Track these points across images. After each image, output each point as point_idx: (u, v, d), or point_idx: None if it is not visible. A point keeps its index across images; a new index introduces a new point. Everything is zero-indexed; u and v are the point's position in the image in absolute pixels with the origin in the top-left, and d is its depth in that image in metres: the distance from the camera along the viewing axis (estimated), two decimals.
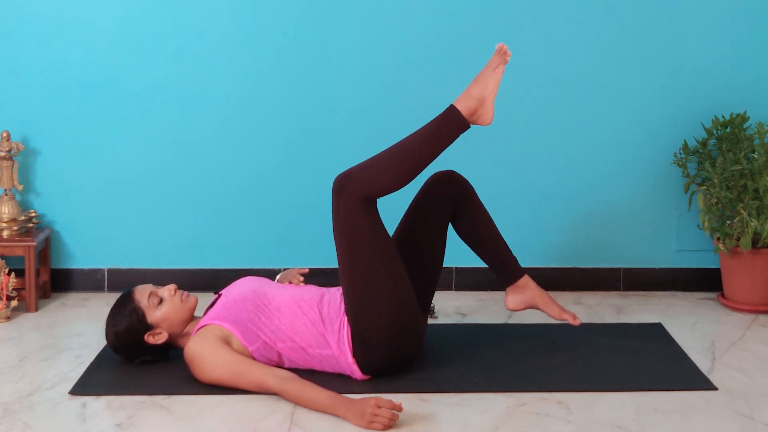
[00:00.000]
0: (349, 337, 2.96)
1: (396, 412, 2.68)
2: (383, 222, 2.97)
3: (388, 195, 2.98)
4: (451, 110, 2.99)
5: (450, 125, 2.98)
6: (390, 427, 2.66)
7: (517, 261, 3.26)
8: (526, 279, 3.25)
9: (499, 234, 3.24)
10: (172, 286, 3.09)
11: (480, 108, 3.00)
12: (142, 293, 3.06)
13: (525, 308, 3.26)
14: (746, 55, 3.95)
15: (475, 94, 2.99)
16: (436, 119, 3.00)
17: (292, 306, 3.02)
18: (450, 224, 3.22)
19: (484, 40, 3.90)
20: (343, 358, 2.97)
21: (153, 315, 3.03)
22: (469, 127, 3.00)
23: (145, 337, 3.04)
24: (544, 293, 3.26)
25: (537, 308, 3.25)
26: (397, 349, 2.99)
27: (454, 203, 3.19)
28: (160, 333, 3.05)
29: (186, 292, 3.11)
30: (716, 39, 3.94)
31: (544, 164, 3.98)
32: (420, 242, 3.14)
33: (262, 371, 2.85)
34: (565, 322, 3.26)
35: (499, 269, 3.25)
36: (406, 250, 3.09)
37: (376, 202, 2.95)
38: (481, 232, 3.22)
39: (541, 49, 3.92)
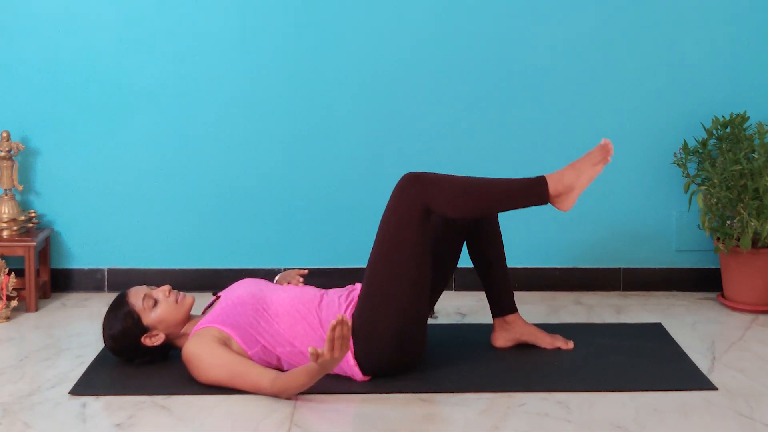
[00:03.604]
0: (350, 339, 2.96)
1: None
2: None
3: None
4: (540, 182, 2.99)
5: (531, 195, 2.99)
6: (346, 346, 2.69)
7: (513, 297, 3.28)
8: (515, 316, 3.28)
9: (506, 265, 3.26)
10: (166, 288, 3.07)
11: (565, 194, 3.01)
12: (136, 296, 3.03)
13: (512, 345, 3.29)
14: (746, 55, 3.94)
15: (567, 181, 2.99)
16: (522, 181, 3.00)
17: (291, 310, 3.01)
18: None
19: (483, 40, 3.90)
20: (344, 360, 2.97)
21: (148, 317, 3.02)
22: (546, 204, 3.02)
23: (143, 339, 3.03)
24: (532, 327, 3.30)
25: (526, 343, 3.28)
26: (400, 354, 3.00)
27: (475, 221, 3.20)
28: (157, 335, 3.04)
29: (182, 293, 3.09)
30: (716, 39, 3.93)
31: (544, 164, 3.97)
32: (435, 251, 3.11)
33: (258, 373, 2.85)
34: (558, 347, 3.29)
35: (495, 299, 3.28)
36: None
37: (430, 214, 2.96)
38: (492, 259, 3.24)
39: (540, 48, 3.92)
